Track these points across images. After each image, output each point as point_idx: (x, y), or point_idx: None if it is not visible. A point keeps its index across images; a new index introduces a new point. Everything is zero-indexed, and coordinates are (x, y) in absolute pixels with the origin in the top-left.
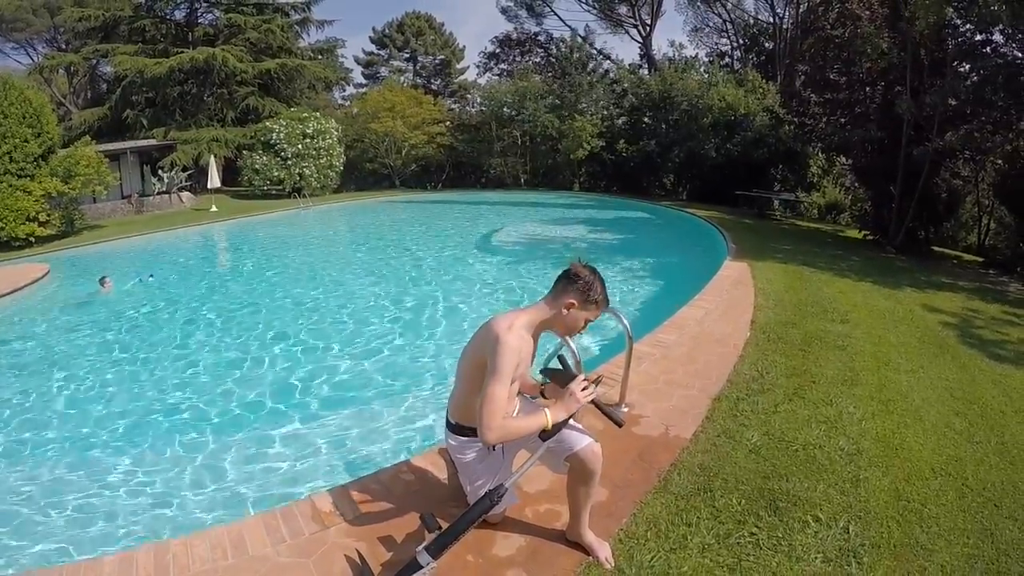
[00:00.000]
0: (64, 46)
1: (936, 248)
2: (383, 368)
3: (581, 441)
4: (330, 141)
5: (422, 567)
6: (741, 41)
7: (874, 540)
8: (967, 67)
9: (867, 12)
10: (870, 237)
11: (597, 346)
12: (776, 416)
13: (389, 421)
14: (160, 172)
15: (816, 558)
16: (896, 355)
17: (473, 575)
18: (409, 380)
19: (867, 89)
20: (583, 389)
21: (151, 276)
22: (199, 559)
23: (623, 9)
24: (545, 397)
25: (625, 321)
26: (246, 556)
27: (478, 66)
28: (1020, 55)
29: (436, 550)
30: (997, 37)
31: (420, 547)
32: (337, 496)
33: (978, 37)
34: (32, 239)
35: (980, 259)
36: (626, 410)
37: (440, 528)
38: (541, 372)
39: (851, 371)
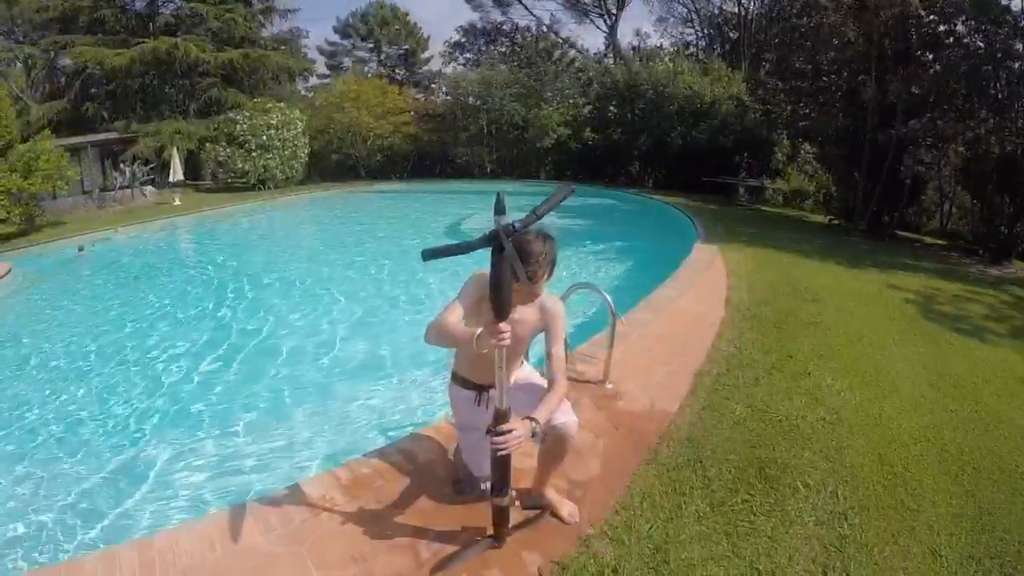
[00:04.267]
0: (22, 38)
1: (900, 232)
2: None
3: (561, 416)
4: (295, 132)
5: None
6: (706, 31)
7: (862, 502)
8: (931, 57)
9: (832, 2)
10: (835, 222)
11: (579, 324)
12: (757, 389)
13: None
14: (122, 166)
15: (809, 520)
16: (868, 331)
17: None
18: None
19: (832, 77)
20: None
21: (81, 249)
22: (186, 553)
23: None
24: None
25: (609, 298)
26: (235, 547)
27: (443, 55)
28: (982, 46)
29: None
30: (960, 28)
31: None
32: (326, 481)
33: (941, 28)
34: None
35: (942, 242)
36: (611, 387)
37: None
38: None
39: (826, 346)
